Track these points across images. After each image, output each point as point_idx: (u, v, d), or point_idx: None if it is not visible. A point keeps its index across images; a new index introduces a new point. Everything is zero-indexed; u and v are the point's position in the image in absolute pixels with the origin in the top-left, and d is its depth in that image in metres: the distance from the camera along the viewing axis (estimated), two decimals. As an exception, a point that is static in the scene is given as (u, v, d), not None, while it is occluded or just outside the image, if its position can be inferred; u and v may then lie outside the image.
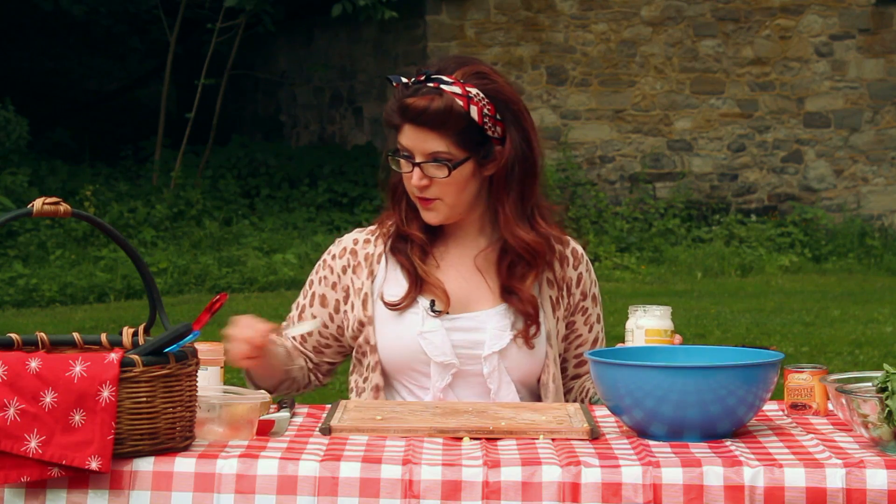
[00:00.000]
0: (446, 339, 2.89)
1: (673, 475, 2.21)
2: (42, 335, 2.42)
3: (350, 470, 2.22)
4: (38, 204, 2.28)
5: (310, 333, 3.02)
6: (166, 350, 2.28)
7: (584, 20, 14.00)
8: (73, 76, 20.75)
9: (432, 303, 2.90)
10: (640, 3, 14.08)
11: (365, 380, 2.95)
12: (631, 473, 2.21)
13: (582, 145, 14.09)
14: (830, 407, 2.60)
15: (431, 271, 2.93)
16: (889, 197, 14.66)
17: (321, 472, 2.22)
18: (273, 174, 14.26)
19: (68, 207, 2.30)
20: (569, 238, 3.04)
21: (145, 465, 2.24)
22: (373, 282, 2.95)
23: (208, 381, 2.55)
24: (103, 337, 2.44)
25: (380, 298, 2.93)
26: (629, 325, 2.81)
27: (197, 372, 2.36)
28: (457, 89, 2.82)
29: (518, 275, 2.93)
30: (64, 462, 2.18)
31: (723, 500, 2.20)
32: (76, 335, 2.44)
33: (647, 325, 2.79)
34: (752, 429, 2.51)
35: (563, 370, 3.06)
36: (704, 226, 14.06)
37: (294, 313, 3.04)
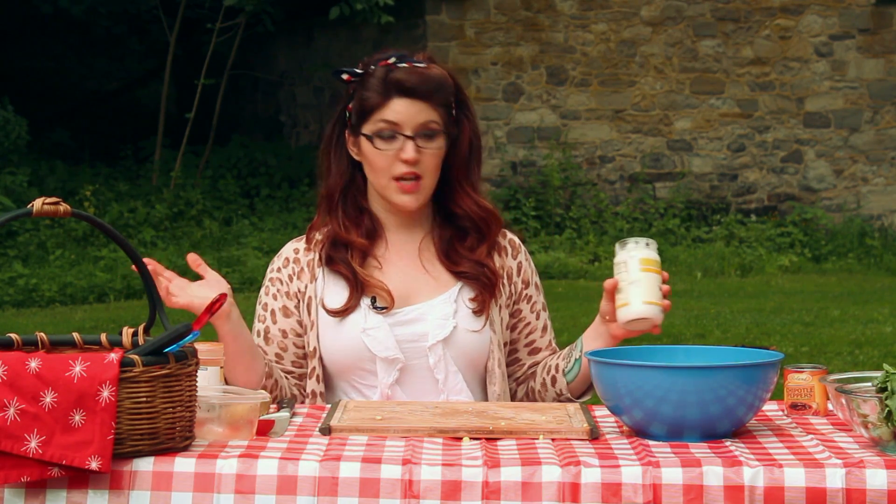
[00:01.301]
0: (389, 333, 2.89)
1: (673, 475, 2.21)
2: (42, 335, 2.42)
3: (350, 470, 2.22)
4: (37, 204, 2.28)
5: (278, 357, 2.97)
6: (166, 350, 2.28)
7: (583, 20, 14.00)
8: (73, 76, 20.75)
9: (373, 299, 2.91)
10: (639, 3, 14.09)
11: (302, 389, 2.95)
12: (631, 473, 2.21)
13: (582, 145, 14.09)
14: (830, 407, 2.60)
15: (373, 273, 2.93)
16: (889, 197, 14.66)
17: (321, 472, 2.22)
18: (273, 174, 14.27)
19: (68, 207, 2.30)
20: (505, 230, 3.05)
21: (145, 465, 2.24)
22: (315, 285, 2.95)
23: (208, 381, 2.55)
24: (103, 337, 2.44)
25: (321, 305, 2.93)
26: (620, 258, 2.73)
27: (197, 372, 2.36)
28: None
29: (468, 246, 2.96)
30: (64, 462, 2.18)
31: (722, 500, 2.20)
32: (76, 335, 2.44)
33: (643, 255, 2.73)
34: (752, 429, 2.51)
35: (517, 360, 3.06)
36: (704, 226, 14.06)
37: (257, 340, 2.97)
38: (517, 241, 3.06)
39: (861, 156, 14.61)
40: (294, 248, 3.02)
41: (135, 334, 2.41)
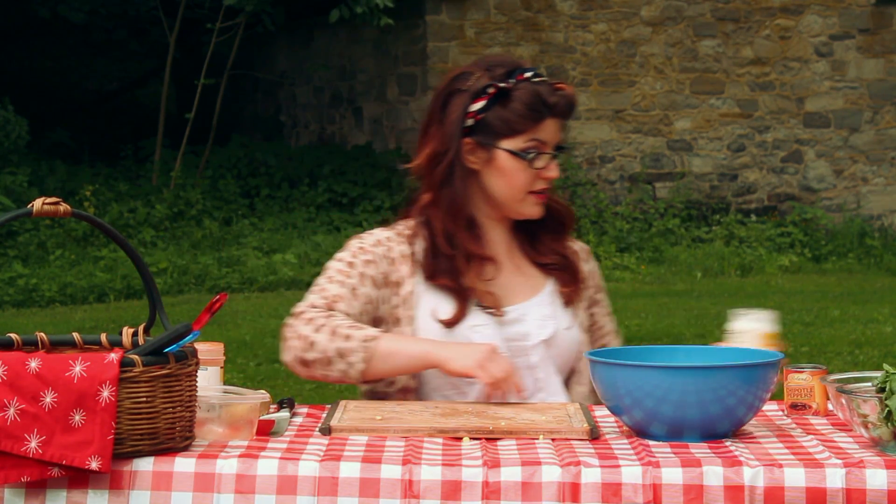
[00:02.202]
0: (497, 331, 2.91)
1: (673, 475, 2.21)
2: (42, 335, 2.42)
3: (350, 470, 2.22)
4: (37, 204, 2.28)
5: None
6: (166, 350, 2.28)
7: (583, 20, 14.00)
8: (73, 76, 20.75)
9: (477, 302, 2.93)
10: (639, 3, 14.09)
11: (389, 383, 2.90)
12: (631, 473, 2.21)
13: (582, 145, 14.09)
14: (830, 407, 2.60)
15: (475, 279, 2.93)
16: (889, 197, 14.66)
17: (321, 472, 2.22)
18: (273, 174, 14.27)
19: (68, 207, 2.30)
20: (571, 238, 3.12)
21: (145, 465, 2.24)
22: (414, 280, 2.93)
23: (208, 381, 2.54)
24: (103, 337, 2.44)
25: (429, 309, 2.90)
26: (737, 327, 2.75)
27: (197, 372, 2.36)
28: None
29: (550, 239, 3.01)
30: (64, 462, 2.18)
31: (723, 500, 2.20)
32: (76, 335, 2.44)
33: (763, 328, 2.74)
34: (752, 429, 2.51)
35: None
36: (704, 226, 14.06)
37: (340, 291, 2.87)
38: (585, 246, 3.12)
39: (861, 156, 14.61)
40: (386, 236, 2.98)
41: (135, 334, 2.41)
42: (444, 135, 2.92)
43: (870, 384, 2.41)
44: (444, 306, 2.91)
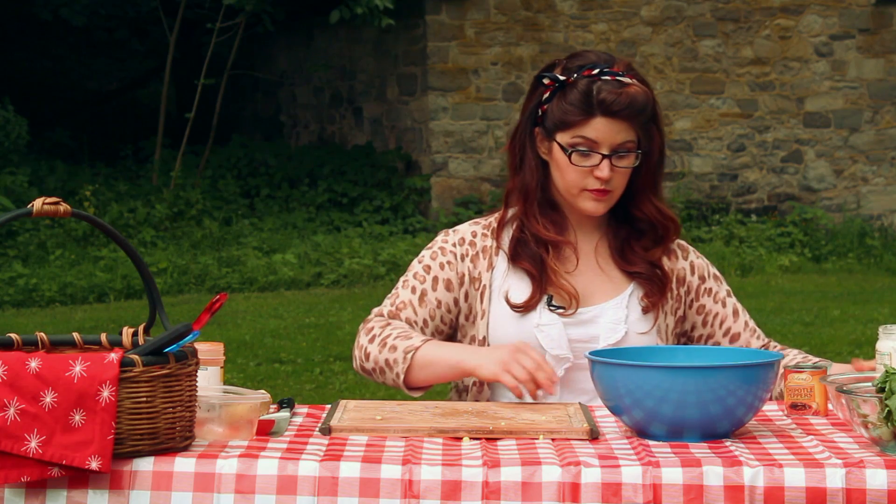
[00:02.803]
0: (563, 332, 2.91)
1: (673, 475, 2.21)
2: (42, 335, 2.42)
3: (350, 470, 2.22)
4: (37, 204, 2.28)
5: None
6: (166, 350, 2.28)
7: (584, 20, 14.00)
8: (73, 76, 20.75)
9: (549, 298, 2.91)
10: (639, 3, 14.08)
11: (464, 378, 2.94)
12: (631, 473, 2.21)
13: (582, 145, 14.07)
14: (830, 407, 2.60)
15: (558, 271, 2.93)
16: (889, 197, 14.66)
17: (321, 472, 2.22)
18: (273, 174, 14.27)
19: (68, 207, 2.30)
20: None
21: (145, 465, 2.24)
22: (491, 274, 2.95)
23: (208, 381, 2.54)
24: (103, 337, 2.44)
25: (503, 298, 2.92)
26: (885, 346, 2.69)
27: (197, 372, 2.36)
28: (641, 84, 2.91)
29: (643, 247, 2.98)
30: (64, 462, 2.18)
31: (723, 500, 2.20)
32: (76, 335, 2.44)
33: None
34: (752, 429, 2.51)
35: None
36: (704, 226, 14.06)
37: (409, 296, 2.94)
38: (685, 244, 3.08)
39: (861, 156, 14.60)
40: (472, 231, 3.01)
41: (135, 334, 2.41)
42: (521, 122, 2.98)
43: (870, 384, 2.41)
44: (519, 291, 2.92)
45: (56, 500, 2.22)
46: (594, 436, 2.43)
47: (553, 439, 2.41)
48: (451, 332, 3.00)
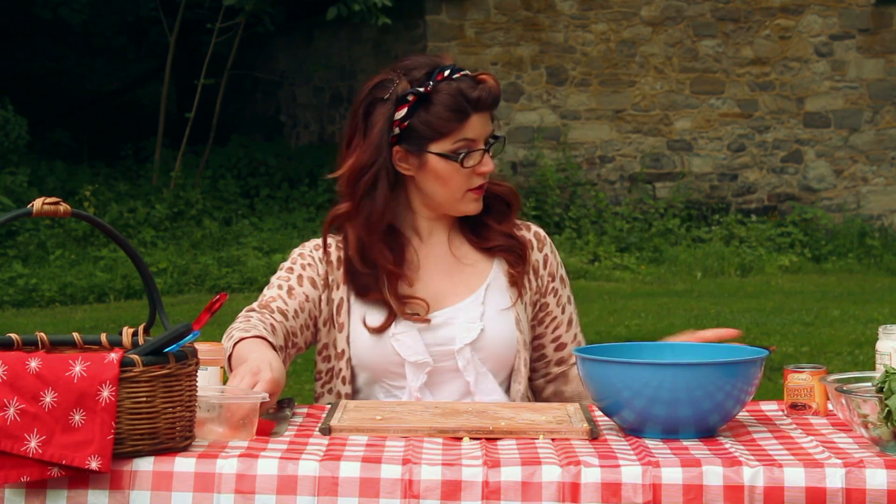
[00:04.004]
0: (418, 338, 2.90)
1: (672, 475, 2.21)
2: (42, 335, 2.42)
3: (350, 470, 2.22)
4: (37, 204, 2.28)
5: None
6: (166, 350, 2.28)
7: (583, 20, 14.00)
8: (73, 76, 20.75)
9: None
10: (639, 3, 14.08)
11: (329, 390, 2.95)
12: (630, 473, 2.21)
13: (582, 145, 14.09)
14: (830, 407, 2.60)
15: (405, 291, 2.92)
16: (889, 197, 14.66)
17: (321, 472, 2.22)
18: (273, 174, 14.27)
19: (68, 207, 2.30)
20: (529, 223, 3.07)
21: (145, 465, 2.24)
22: (348, 286, 2.95)
23: (208, 381, 2.54)
24: (103, 337, 2.44)
25: (361, 322, 2.92)
26: (885, 346, 2.69)
27: (197, 372, 2.36)
28: None
29: (495, 220, 2.98)
30: (64, 462, 2.18)
31: (722, 500, 2.20)
32: (76, 335, 2.44)
33: None
34: (752, 429, 2.51)
35: (543, 357, 3.06)
36: (704, 226, 14.06)
37: (278, 292, 2.93)
38: (542, 233, 3.06)
39: (861, 156, 14.60)
40: (328, 242, 3.00)
41: (135, 334, 2.41)
42: (369, 146, 2.90)
43: (869, 384, 2.41)
44: (374, 314, 2.92)
45: (56, 500, 2.22)
46: (594, 436, 2.43)
47: (553, 439, 2.42)
48: (310, 333, 2.97)
